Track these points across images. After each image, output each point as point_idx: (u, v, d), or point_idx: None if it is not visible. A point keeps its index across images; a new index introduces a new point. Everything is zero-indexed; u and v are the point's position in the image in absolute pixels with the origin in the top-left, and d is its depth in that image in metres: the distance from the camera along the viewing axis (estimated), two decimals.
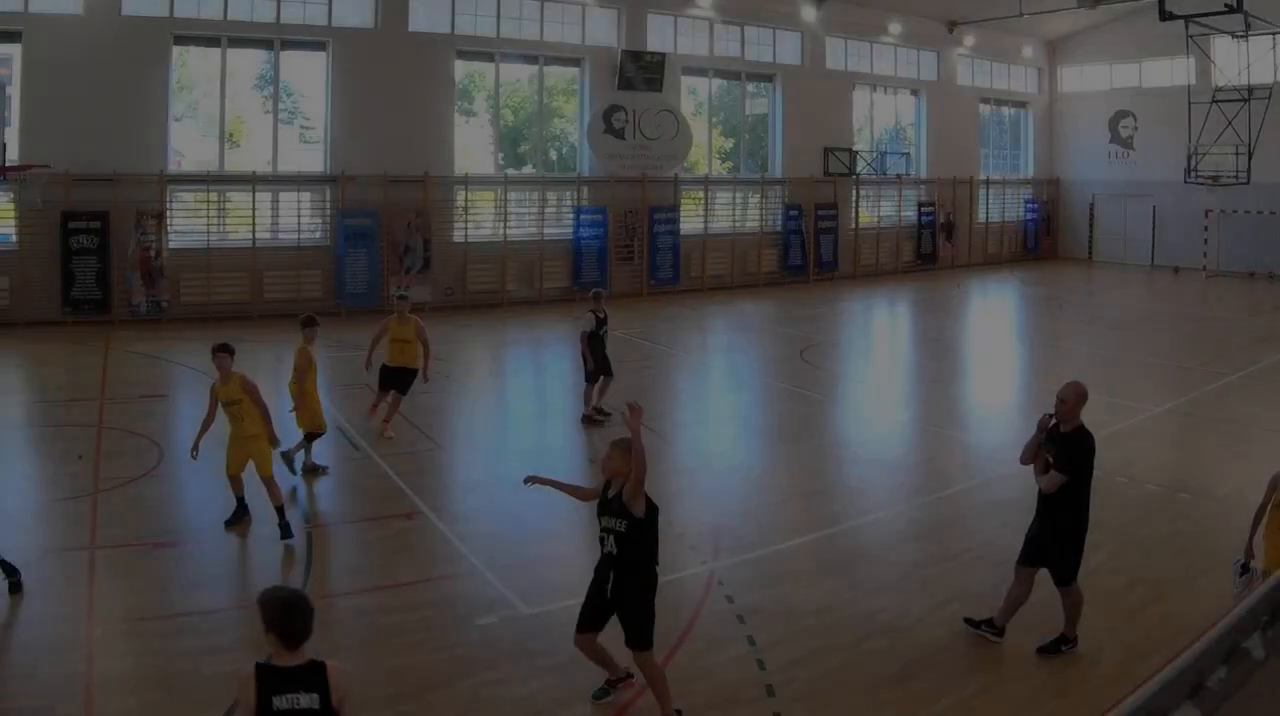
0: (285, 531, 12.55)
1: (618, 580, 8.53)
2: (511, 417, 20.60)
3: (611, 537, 8.54)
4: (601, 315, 19.09)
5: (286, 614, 5.68)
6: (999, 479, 15.26)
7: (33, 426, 18.52)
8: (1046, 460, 9.87)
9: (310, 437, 15.44)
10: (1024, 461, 10.18)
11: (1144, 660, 9.48)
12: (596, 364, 18.91)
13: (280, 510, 12.64)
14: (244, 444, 13.02)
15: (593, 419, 18.78)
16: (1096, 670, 9.57)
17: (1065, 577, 9.81)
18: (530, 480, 9.54)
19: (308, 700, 5.57)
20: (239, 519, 13.04)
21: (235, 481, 13.14)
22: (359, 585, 11.30)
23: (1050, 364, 25.72)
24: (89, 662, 9.30)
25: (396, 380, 17.57)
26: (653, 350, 26.83)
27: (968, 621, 10.27)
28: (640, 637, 8.45)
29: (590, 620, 8.75)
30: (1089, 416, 9.89)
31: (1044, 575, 9.94)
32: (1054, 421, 9.83)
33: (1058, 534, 9.76)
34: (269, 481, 12.86)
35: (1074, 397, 9.75)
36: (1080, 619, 9.91)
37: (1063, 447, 9.75)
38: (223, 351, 13.02)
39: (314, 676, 5.65)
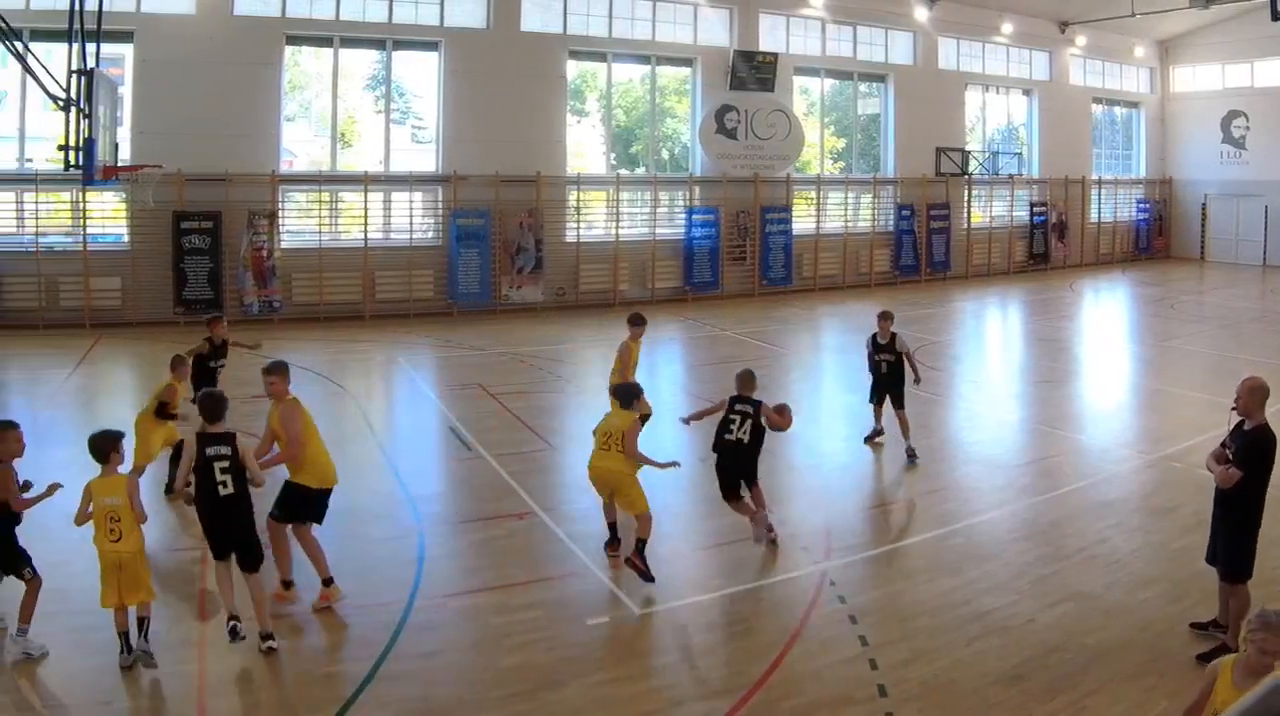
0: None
1: None
2: None
3: None
4: (883, 340, 15.43)
5: (205, 405, 9.33)
6: (1111, 478, 14.57)
7: None
8: (1226, 455, 9.15)
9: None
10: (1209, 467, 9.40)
11: None
12: (874, 383, 15.72)
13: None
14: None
15: (871, 439, 15.96)
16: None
17: (1233, 574, 9.11)
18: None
19: (225, 450, 9.06)
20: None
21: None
22: (471, 585, 10.72)
23: (1161, 363, 24.52)
24: (200, 661, 8.93)
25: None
26: (765, 350, 25.14)
27: (1193, 626, 9.67)
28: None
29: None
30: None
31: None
32: (1237, 418, 9.20)
33: (1229, 530, 9.12)
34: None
35: (1247, 393, 9.05)
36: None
37: (1241, 443, 9.05)
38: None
39: (228, 439, 9.14)
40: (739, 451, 11.45)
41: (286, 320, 27.19)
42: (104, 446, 9.07)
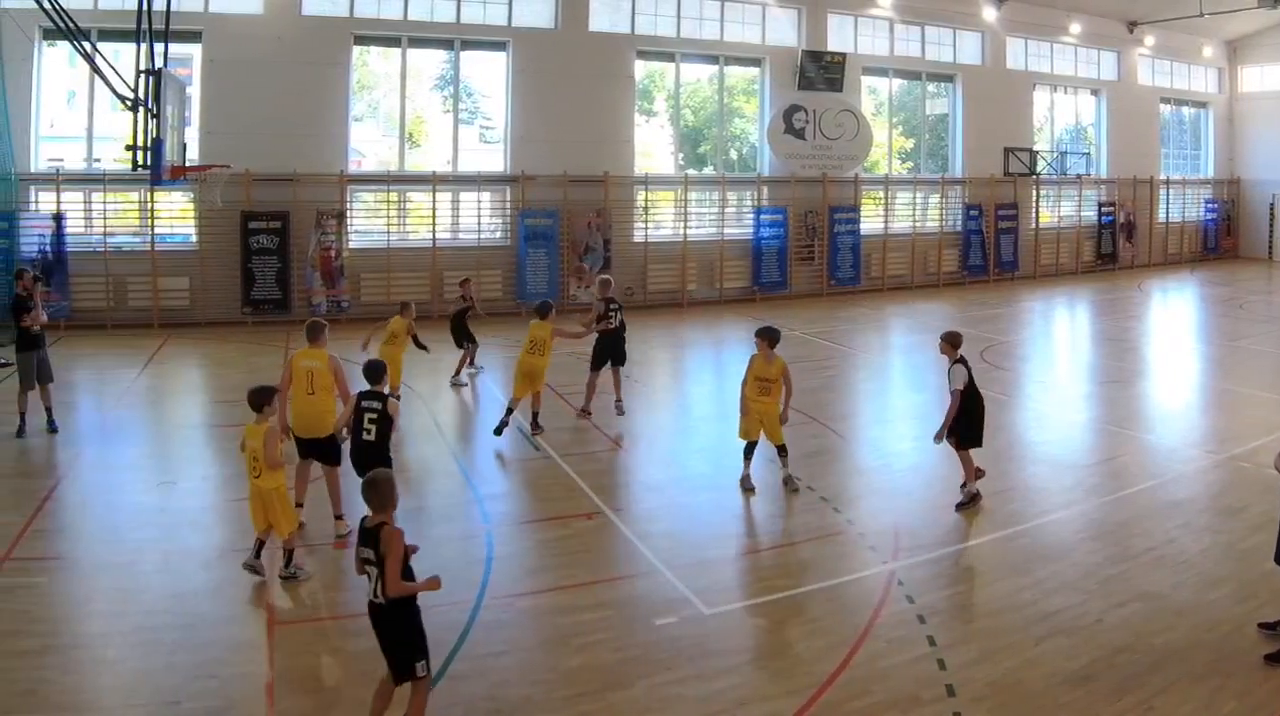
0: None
1: None
2: (692, 417, 18.32)
3: None
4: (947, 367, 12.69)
5: (366, 370, 10.95)
6: (1179, 478, 13.96)
7: (212, 426, 16.81)
8: None
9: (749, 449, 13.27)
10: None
11: None
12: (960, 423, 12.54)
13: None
14: None
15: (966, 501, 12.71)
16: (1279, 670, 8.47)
17: None
18: None
19: (376, 405, 10.61)
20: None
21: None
22: (539, 585, 10.32)
23: (1230, 363, 23.36)
24: (269, 662, 8.53)
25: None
26: (833, 350, 24.02)
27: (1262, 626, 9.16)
28: None
29: None
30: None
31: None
32: None
33: None
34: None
35: None
36: None
37: None
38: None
39: (379, 397, 10.69)
40: (619, 336, 16.81)
41: (354, 320, 25.49)
42: (258, 399, 9.89)
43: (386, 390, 11.16)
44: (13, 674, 8.12)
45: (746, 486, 12.99)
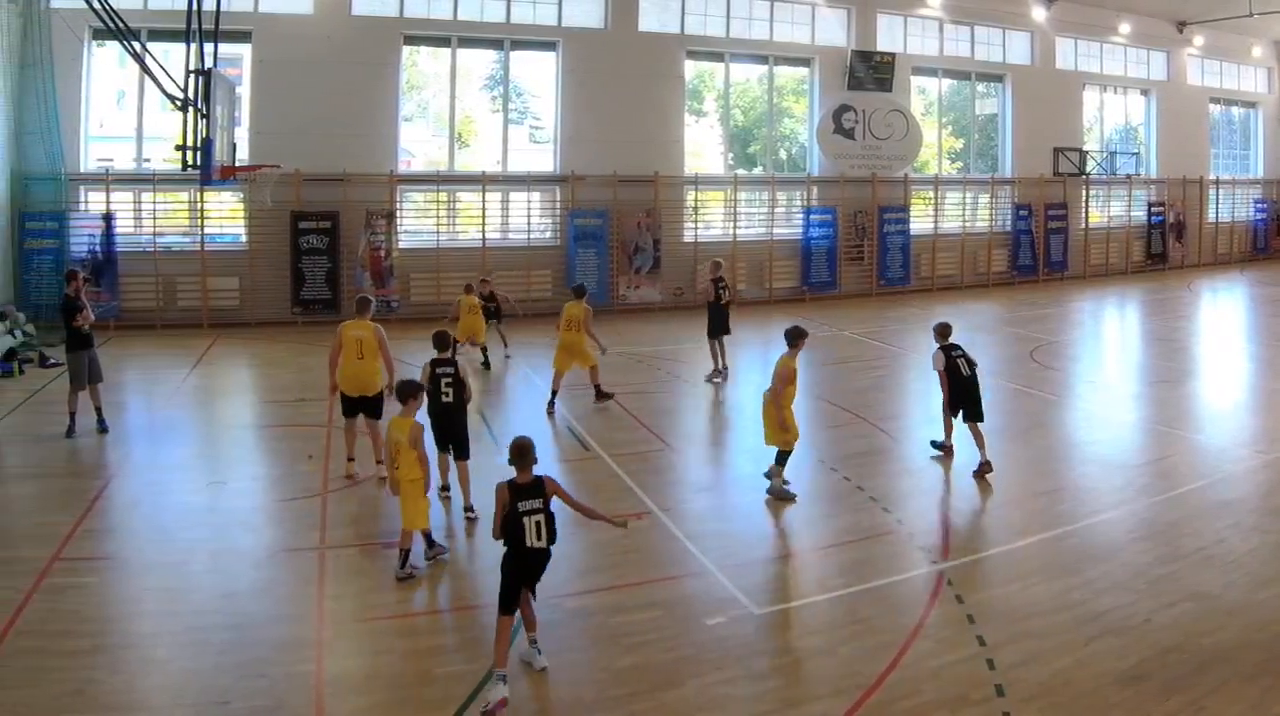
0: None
1: None
2: (742, 418, 17.55)
3: None
4: (941, 344, 13.93)
5: (435, 339, 11.93)
6: (1229, 478, 13.55)
7: (262, 426, 16.63)
8: None
9: (782, 457, 12.69)
10: None
11: None
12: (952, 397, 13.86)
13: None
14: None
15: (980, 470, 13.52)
16: None
17: None
18: None
19: (450, 370, 11.57)
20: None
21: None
22: (588, 585, 10.06)
23: (1279, 363, 22.64)
24: (318, 662, 8.39)
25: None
26: (883, 350, 23.35)
27: None
28: None
29: None
30: None
31: None
32: None
33: None
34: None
35: None
36: None
37: None
38: None
39: (452, 363, 11.62)
40: (725, 311, 19.32)
41: (404, 320, 25.10)
42: (406, 392, 10.13)
43: (453, 355, 11.99)
44: (62, 673, 7.99)
45: (788, 495, 12.44)
